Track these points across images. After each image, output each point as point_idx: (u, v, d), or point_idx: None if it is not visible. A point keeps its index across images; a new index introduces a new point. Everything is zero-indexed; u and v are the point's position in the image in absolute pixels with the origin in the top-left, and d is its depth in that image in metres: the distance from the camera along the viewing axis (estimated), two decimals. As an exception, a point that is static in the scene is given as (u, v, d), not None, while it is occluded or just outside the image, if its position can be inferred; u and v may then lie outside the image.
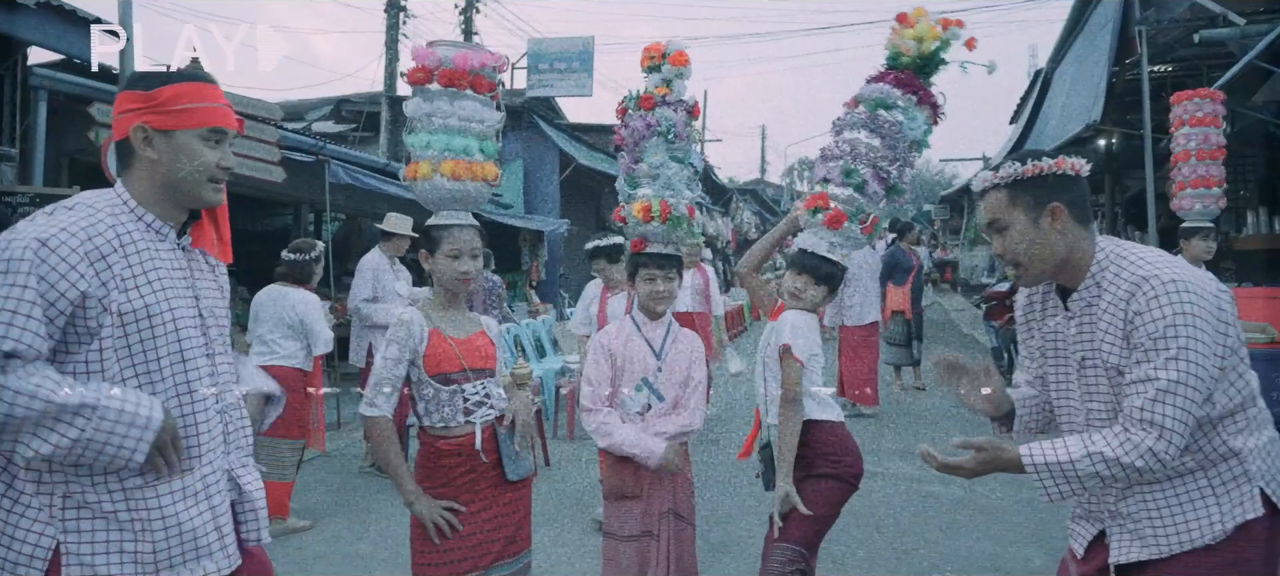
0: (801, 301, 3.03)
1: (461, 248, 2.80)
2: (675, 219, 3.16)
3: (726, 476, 6.17)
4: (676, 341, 3.20)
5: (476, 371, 2.81)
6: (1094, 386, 2.00)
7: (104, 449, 1.70)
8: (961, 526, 5.08)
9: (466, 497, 2.78)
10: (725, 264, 27.14)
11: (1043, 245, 2.00)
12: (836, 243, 3.04)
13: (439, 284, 2.88)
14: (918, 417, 8.23)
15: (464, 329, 2.86)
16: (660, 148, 3.26)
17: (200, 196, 1.89)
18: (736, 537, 4.91)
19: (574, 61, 15.96)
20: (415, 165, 2.94)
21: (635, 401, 3.12)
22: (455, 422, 2.78)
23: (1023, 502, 5.55)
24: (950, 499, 5.63)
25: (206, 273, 1.97)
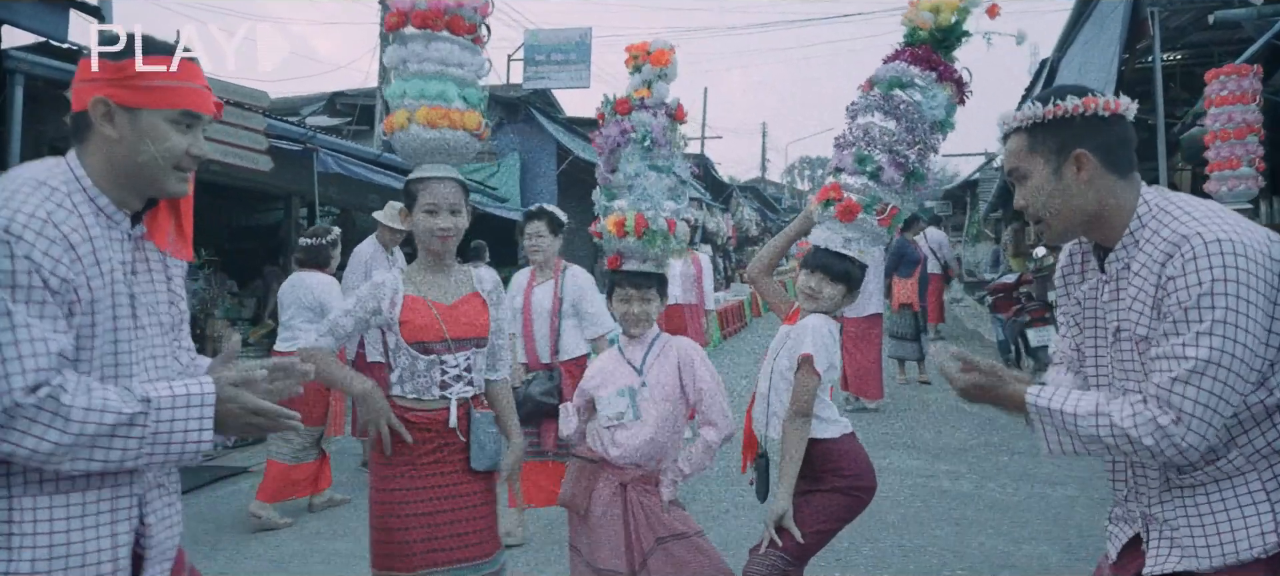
0: (817, 302, 2.78)
1: (439, 201, 2.59)
2: (652, 233, 2.86)
3: (723, 472, 5.94)
4: (661, 355, 2.86)
5: (460, 342, 2.60)
6: (1129, 362, 1.73)
7: (169, 446, 1.57)
8: (971, 522, 4.85)
9: (430, 479, 2.56)
10: (725, 260, 26.95)
11: (1066, 198, 1.73)
12: (852, 237, 2.79)
13: (419, 243, 2.67)
14: (923, 411, 8.00)
15: (450, 293, 2.65)
16: (636, 156, 2.97)
17: (163, 185, 1.66)
18: (735, 535, 4.67)
19: (571, 53, 15.74)
20: (391, 117, 2.73)
21: (613, 404, 2.79)
22: (429, 395, 2.57)
23: (1036, 498, 5.32)
24: (959, 494, 5.40)
25: (156, 269, 1.73)
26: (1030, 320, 8.53)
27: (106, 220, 1.62)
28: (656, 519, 2.73)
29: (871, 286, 8.26)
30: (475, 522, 2.62)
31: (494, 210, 13.29)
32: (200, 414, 1.59)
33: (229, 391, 1.63)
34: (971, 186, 26.45)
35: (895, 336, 9.42)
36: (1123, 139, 1.76)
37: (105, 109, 1.60)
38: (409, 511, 2.54)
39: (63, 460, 1.50)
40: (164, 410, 1.56)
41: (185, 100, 1.65)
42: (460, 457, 2.61)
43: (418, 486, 2.55)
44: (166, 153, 1.64)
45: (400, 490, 2.55)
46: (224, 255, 10.93)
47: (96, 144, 1.62)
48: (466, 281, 2.72)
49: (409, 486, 2.55)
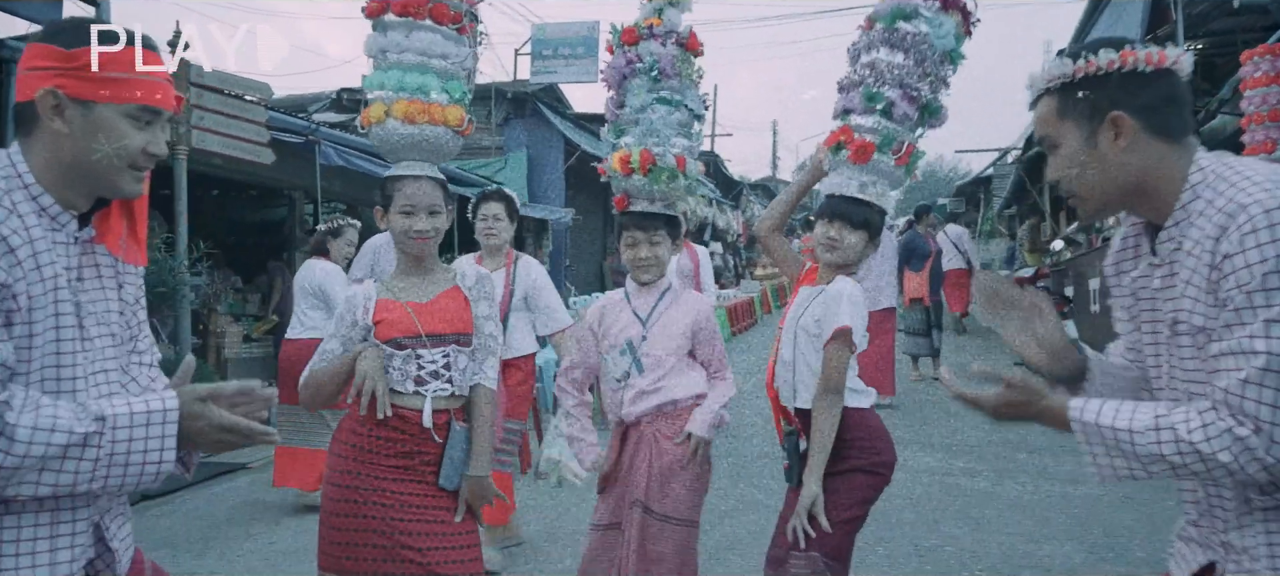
0: (838, 253, 2.58)
1: (416, 203, 2.41)
2: (658, 170, 2.69)
3: (730, 469, 5.78)
4: (671, 307, 2.75)
5: (437, 337, 2.41)
6: (1189, 362, 1.46)
7: (127, 468, 1.41)
8: (990, 521, 4.66)
9: (394, 485, 2.36)
10: (736, 257, 26.76)
11: (1102, 168, 1.49)
12: (869, 181, 2.60)
13: (396, 246, 2.51)
14: (937, 408, 7.81)
15: (426, 292, 2.47)
16: (643, 88, 2.80)
17: (116, 185, 1.51)
18: (741, 535, 4.51)
19: (578, 47, 15.59)
20: (367, 110, 2.58)
21: (616, 365, 2.73)
22: (404, 389, 2.38)
23: (1056, 496, 5.13)
24: (976, 492, 5.22)
25: (106, 276, 1.57)
26: (1048, 315, 8.31)
27: (50, 221, 1.46)
28: (658, 478, 2.60)
29: (885, 280, 8.07)
30: (446, 552, 2.36)
31: (501, 205, 13.15)
32: (162, 432, 1.43)
33: (195, 406, 1.47)
34: (985, 183, 26.16)
35: (907, 332, 9.22)
36: (1171, 98, 1.49)
37: (55, 101, 1.44)
38: (364, 512, 2.33)
39: (6, 485, 1.34)
40: (121, 429, 1.40)
41: (145, 94, 1.49)
42: (429, 471, 2.38)
43: (377, 488, 2.34)
44: (122, 151, 1.48)
45: (359, 488, 2.34)
46: (228, 251, 10.84)
47: (43, 138, 1.46)
48: (447, 278, 2.54)
49: (369, 485, 2.34)
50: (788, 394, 2.65)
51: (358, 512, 2.34)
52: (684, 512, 2.64)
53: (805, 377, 2.58)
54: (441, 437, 2.39)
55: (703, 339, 2.76)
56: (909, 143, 2.63)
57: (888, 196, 2.66)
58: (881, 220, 2.65)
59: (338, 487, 2.39)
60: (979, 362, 1.66)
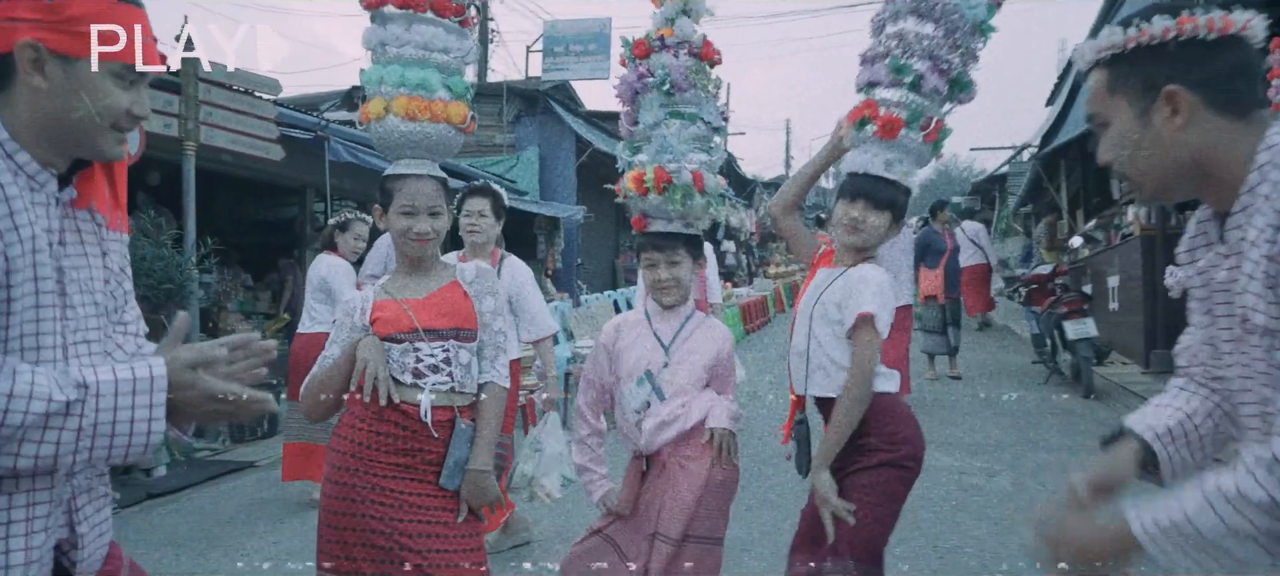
0: (860, 235, 2.45)
1: (417, 203, 2.33)
2: (674, 189, 2.57)
3: (747, 467, 5.64)
4: (693, 334, 2.62)
5: (433, 332, 2.32)
6: (1259, 359, 1.30)
7: (112, 438, 1.31)
8: (1011, 522, 4.53)
9: (393, 482, 2.26)
10: (748, 256, 26.63)
11: (1156, 148, 1.33)
12: (894, 158, 2.46)
13: (395, 248, 2.43)
14: (953, 408, 7.67)
15: (425, 287, 2.38)
16: (656, 103, 2.68)
17: (97, 146, 1.42)
18: (757, 533, 4.40)
19: (591, 44, 15.52)
20: (366, 106, 2.49)
21: (634, 396, 2.57)
22: (403, 380, 2.28)
23: (1079, 496, 4.98)
24: (997, 492, 5.08)
25: (90, 242, 1.48)
26: (1067, 312, 8.16)
27: (27, 180, 1.37)
28: (681, 505, 2.47)
29: (902, 276, 7.93)
30: (448, 554, 2.26)
31: (512, 203, 13.04)
32: (149, 400, 1.33)
33: (185, 375, 1.36)
34: (1000, 181, 25.94)
35: (924, 330, 9.08)
36: (1238, 69, 1.33)
37: (35, 55, 1.35)
38: (362, 511, 2.24)
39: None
40: (106, 397, 1.30)
41: (130, 52, 1.40)
42: (430, 471, 2.29)
43: (376, 487, 2.24)
44: (105, 110, 1.39)
45: (357, 486, 2.25)
46: (241, 249, 10.81)
47: (20, 94, 1.37)
48: (445, 274, 2.45)
49: (367, 482, 2.25)
50: (799, 380, 2.52)
51: (355, 511, 2.25)
52: (713, 530, 2.51)
53: (820, 363, 2.45)
54: (442, 435, 2.29)
55: (720, 373, 2.64)
56: (938, 118, 2.49)
57: (913, 176, 2.53)
58: (906, 200, 2.52)
59: (336, 486, 2.29)
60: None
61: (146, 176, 8.95)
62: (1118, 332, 10.04)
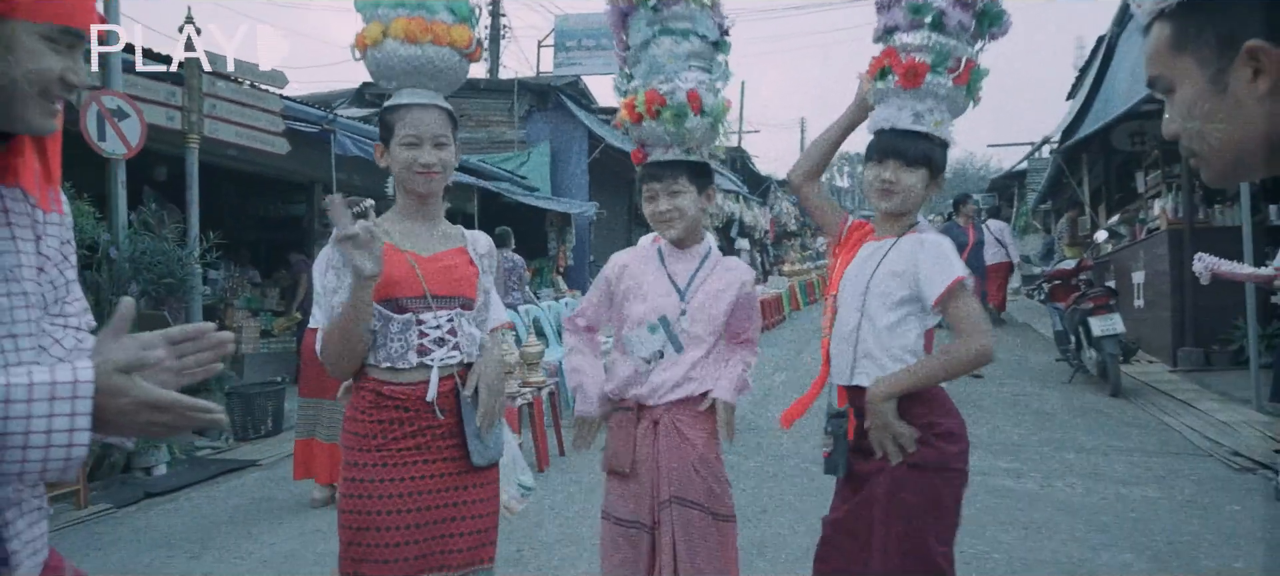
0: (896, 198, 2.21)
1: (421, 132, 2.12)
2: (668, 111, 2.34)
3: (761, 467, 5.47)
4: (712, 276, 2.39)
5: (442, 299, 2.13)
6: None
7: (26, 452, 1.12)
8: (1041, 527, 4.31)
9: (410, 469, 2.09)
10: (763, 254, 26.36)
11: (1232, 119, 1.07)
12: (924, 108, 2.22)
13: (397, 184, 2.20)
14: (975, 406, 7.42)
15: (431, 244, 2.18)
16: (644, 21, 2.42)
17: (24, 117, 1.25)
18: (773, 534, 4.20)
19: (603, 38, 15.32)
20: (363, 32, 2.28)
21: (645, 343, 2.34)
22: (406, 363, 2.09)
23: (1111, 499, 4.75)
24: (1024, 494, 4.86)
25: (19, 225, 1.31)
26: (1092, 307, 7.89)
27: None
28: (689, 470, 2.27)
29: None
30: (467, 524, 2.15)
31: (523, 199, 12.90)
32: (71, 409, 1.13)
33: (116, 379, 1.17)
34: (1019, 177, 25.58)
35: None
36: None
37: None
38: (383, 508, 2.07)
39: None
40: (17, 403, 1.11)
41: (66, 12, 1.24)
42: (450, 446, 2.13)
43: (394, 478, 2.08)
44: (35, 76, 1.22)
45: (372, 481, 2.08)
46: (250, 247, 10.69)
47: None
48: (455, 236, 2.26)
49: (383, 477, 2.08)
50: (843, 368, 2.24)
51: (373, 508, 2.05)
52: (726, 506, 2.33)
53: (868, 349, 2.19)
54: (451, 409, 2.12)
55: (742, 314, 2.43)
56: (968, 57, 2.25)
57: (948, 125, 2.27)
58: (944, 154, 2.27)
59: (352, 483, 2.10)
60: None
61: (153, 171, 8.84)
62: (1144, 330, 9.76)
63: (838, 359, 2.26)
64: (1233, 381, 7.76)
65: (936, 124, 2.23)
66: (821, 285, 19.44)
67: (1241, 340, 8.44)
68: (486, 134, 15.04)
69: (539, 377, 5.88)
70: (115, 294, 6.16)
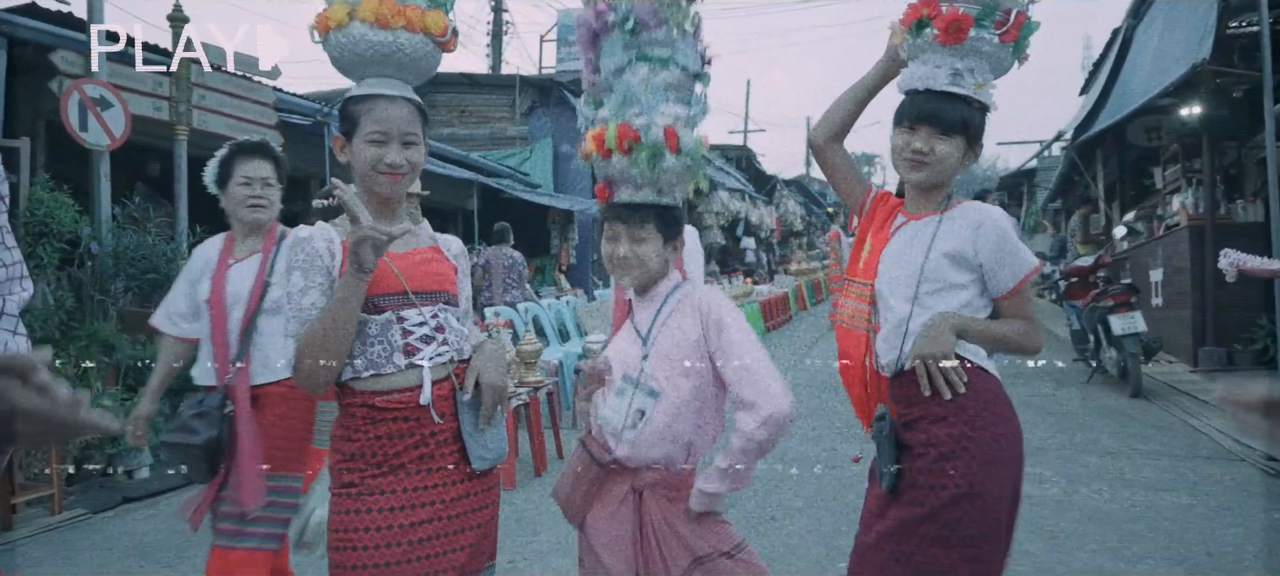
0: (929, 170, 1.94)
1: (387, 129, 1.87)
2: (641, 148, 2.06)
3: (768, 471, 5.20)
4: (674, 314, 2.07)
5: (424, 294, 1.90)
6: None
7: None
8: (1067, 535, 4.04)
9: (412, 479, 1.86)
10: (768, 254, 26.11)
11: None
12: (965, 67, 1.95)
13: (361, 183, 1.93)
14: (992, 407, 7.15)
15: (402, 243, 1.93)
16: (619, 45, 2.15)
17: None
18: (781, 547, 3.94)
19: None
20: (326, 12, 2.02)
21: (618, 411, 2.03)
22: (391, 366, 1.85)
23: (1141, 506, 4.48)
24: (1047, 501, 4.59)
25: None
26: (1112, 305, 7.62)
27: None
28: (686, 536, 1.99)
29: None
30: (468, 535, 1.93)
31: (525, 196, 12.66)
32: None
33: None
34: (1028, 176, 25.30)
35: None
36: None
37: None
38: (377, 525, 1.83)
39: None
40: None
41: None
42: (451, 453, 1.90)
43: (392, 490, 1.84)
44: None
45: (367, 503, 1.83)
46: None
47: None
48: (424, 236, 2.04)
49: (380, 491, 1.84)
50: (891, 359, 1.95)
51: (372, 542, 1.82)
52: (732, 540, 2.02)
53: (919, 330, 1.92)
54: (444, 413, 1.88)
55: (719, 346, 2.00)
56: (1018, 10, 1.97)
57: (990, 86, 1.99)
58: (983, 121, 1.99)
59: (343, 513, 1.84)
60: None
61: (146, 167, 8.62)
62: (1162, 329, 9.48)
63: (887, 349, 1.96)
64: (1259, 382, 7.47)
65: (978, 86, 1.95)
66: (827, 284, 19.17)
67: (1265, 339, 8.16)
68: (488, 130, 14.81)
69: (537, 377, 5.63)
70: (98, 290, 5.95)
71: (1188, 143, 10.01)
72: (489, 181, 11.82)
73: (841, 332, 2.13)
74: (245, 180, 2.82)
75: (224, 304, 2.75)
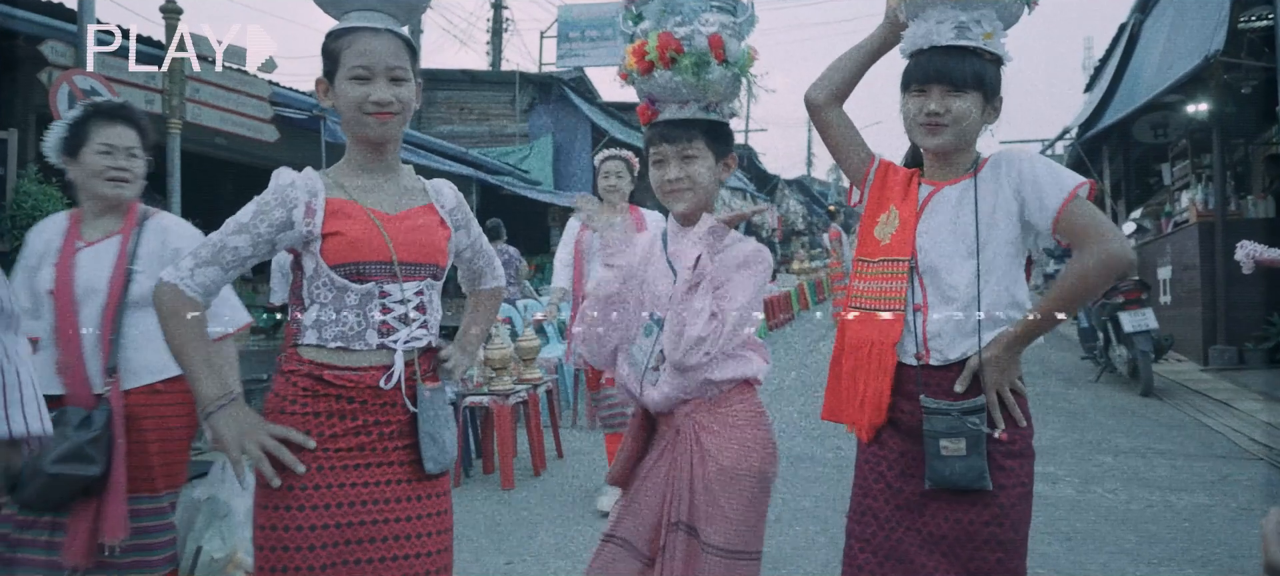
0: (948, 132, 1.79)
1: (373, 64, 1.72)
2: (684, 59, 1.92)
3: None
4: (719, 255, 1.92)
5: (410, 266, 1.75)
6: None
7: None
8: (1084, 536, 3.91)
9: (351, 474, 1.68)
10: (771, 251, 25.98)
11: None
12: (970, 19, 1.80)
13: (346, 129, 1.79)
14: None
15: (395, 200, 1.79)
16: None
17: None
18: (789, 549, 3.81)
19: (607, 28, 14.98)
20: None
21: (643, 350, 1.93)
22: (363, 344, 1.70)
23: (1159, 506, 4.35)
24: (1062, 501, 4.45)
25: None
26: (1123, 302, 7.48)
27: None
28: (703, 492, 1.83)
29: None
30: (415, 543, 1.73)
31: (525, 193, 12.53)
32: None
33: None
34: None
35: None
36: None
37: None
38: (309, 522, 1.65)
39: None
40: None
41: None
42: (400, 449, 1.73)
43: (329, 485, 1.67)
44: None
45: (300, 489, 1.65)
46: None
47: None
48: (417, 190, 1.87)
49: (314, 484, 1.66)
50: (953, 341, 1.78)
51: (300, 523, 1.64)
52: (744, 542, 1.86)
53: (997, 300, 1.76)
54: (394, 399, 1.72)
55: (726, 281, 1.91)
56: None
57: (1001, 36, 1.84)
58: (998, 73, 1.85)
59: (272, 498, 1.66)
60: None
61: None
62: (1171, 327, 9.34)
63: (951, 331, 1.78)
64: (1271, 380, 7.35)
65: (986, 36, 1.80)
66: (829, 284, 19.01)
67: (1277, 337, 8.03)
68: (488, 127, 14.69)
69: (536, 375, 5.50)
70: (88, 285, 5.83)
71: (1197, 138, 9.88)
72: (489, 178, 11.69)
73: (860, 319, 1.91)
74: (106, 148, 2.40)
75: (73, 295, 2.34)
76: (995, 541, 1.71)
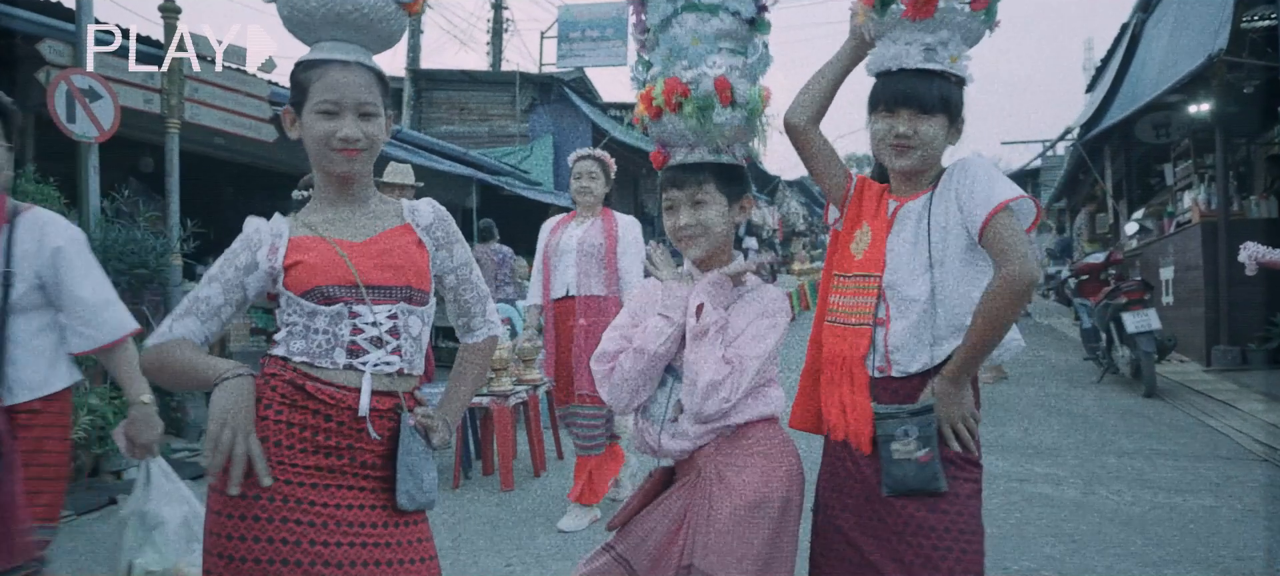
0: (916, 154, 1.81)
1: (341, 98, 1.67)
2: (691, 103, 1.90)
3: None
4: (739, 304, 1.90)
5: (379, 289, 1.69)
6: None
7: None
8: (1088, 538, 3.88)
9: (312, 492, 1.62)
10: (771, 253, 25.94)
11: None
12: (936, 41, 1.81)
13: (314, 163, 1.74)
14: (1003, 408, 6.99)
15: (362, 227, 1.75)
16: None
17: None
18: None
19: (608, 29, 14.95)
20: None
21: (658, 403, 1.89)
22: (329, 361, 1.65)
23: (1163, 508, 4.32)
24: (1065, 503, 4.43)
25: None
26: (1126, 302, 7.45)
27: None
28: (727, 524, 1.75)
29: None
30: (404, 571, 1.66)
31: (525, 193, 12.50)
32: None
33: None
34: (1032, 175, 25.17)
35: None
36: None
37: None
38: (267, 555, 1.57)
39: None
40: None
41: None
42: (373, 480, 1.68)
43: (289, 494, 1.60)
44: None
45: (258, 500, 1.59)
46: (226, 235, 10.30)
47: None
48: (391, 213, 1.82)
49: (282, 496, 1.60)
50: (909, 356, 1.80)
51: (257, 533, 1.58)
52: (758, 569, 1.76)
53: (954, 311, 1.77)
54: (382, 434, 1.67)
55: (743, 330, 1.87)
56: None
57: (965, 60, 1.85)
58: (962, 95, 1.86)
59: (224, 516, 1.60)
60: None
61: (139, 162, 8.46)
62: (1174, 328, 9.31)
63: (907, 344, 1.79)
64: (1274, 381, 7.32)
65: (953, 60, 1.81)
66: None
67: (1280, 338, 8.01)
68: (488, 127, 14.66)
69: (535, 375, 5.47)
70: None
71: (1200, 139, 9.85)
72: (489, 178, 11.66)
73: (833, 333, 1.93)
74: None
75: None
76: (955, 530, 1.75)
